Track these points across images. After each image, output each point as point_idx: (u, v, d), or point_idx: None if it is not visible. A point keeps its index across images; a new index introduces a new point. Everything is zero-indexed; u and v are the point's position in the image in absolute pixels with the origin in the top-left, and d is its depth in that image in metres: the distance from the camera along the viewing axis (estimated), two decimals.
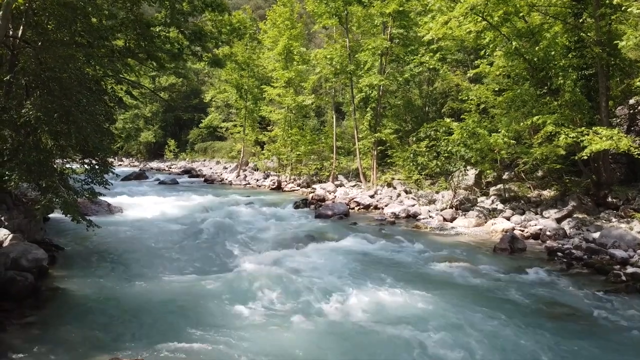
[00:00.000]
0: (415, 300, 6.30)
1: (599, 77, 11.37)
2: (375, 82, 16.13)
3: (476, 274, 7.66)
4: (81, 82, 7.65)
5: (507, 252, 8.87)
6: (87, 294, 6.26)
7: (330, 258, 8.34)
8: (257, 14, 34.60)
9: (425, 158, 13.58)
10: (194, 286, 6.69)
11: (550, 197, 12.36)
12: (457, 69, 18.21)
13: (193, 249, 8.63)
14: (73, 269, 7.30)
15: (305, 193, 18.64)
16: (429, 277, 7.48)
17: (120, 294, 6.32)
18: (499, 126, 12.94)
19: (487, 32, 11.65)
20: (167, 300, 6.15)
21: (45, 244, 8.25)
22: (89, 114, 7.47)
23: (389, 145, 17.63)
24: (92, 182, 8.21)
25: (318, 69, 18.93)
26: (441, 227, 11.27)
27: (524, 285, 7.15)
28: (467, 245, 9.75)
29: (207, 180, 24.52)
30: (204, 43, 10.98)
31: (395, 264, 8.13)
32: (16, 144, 6.78)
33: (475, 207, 12.44)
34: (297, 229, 11.00)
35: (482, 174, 14.61)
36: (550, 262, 8.44)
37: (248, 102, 25.19)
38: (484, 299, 6.52)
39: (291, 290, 6.49)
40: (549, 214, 10.77)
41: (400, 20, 16.17)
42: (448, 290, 6.77)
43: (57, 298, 6.05)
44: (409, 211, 12.97)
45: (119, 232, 10.21)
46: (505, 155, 12.11)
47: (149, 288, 6.62)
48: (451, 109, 19.10)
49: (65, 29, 8.12)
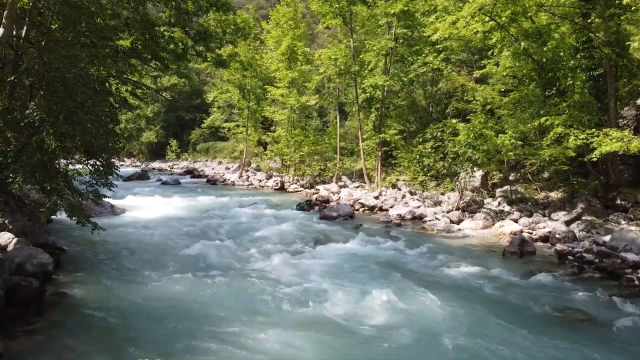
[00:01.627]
0: (426, 307, 6.18)
1: (608, 77, 11.26)
2: (380, 83, 16.00)
3: (487, 278, 7.53)
4: (86, 83, 7.55)
5: (516, 255, 8.74)
6: (91, 298, 6.15)
7: (337, 261, 8.22)
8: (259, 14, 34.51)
9: (431, 159, 13.45)
10: (199, 290, 6.58)
11: (558, 199, 12.24)
12: (461, 69, 18.08)
13: (197, 252, 8.50)
14: (77, 273, 7.19)
15: (309, 194, 18.53)
16: (439, 282, 7.36)
17: (125, 298, 6.21)
18: (505, 127, 12.84)
19: (494, 32, 11.52)
20: (173, 304, 6.04)
21: (50, 247, 8.15)
22: (94, 114, 7.37)
23: (394, 146, 17.51)
24: (97, 184, 8.11)
25: (322, 69, 18.79)
26: (448, 230, 11.15)
27: (536, 290, 7.03)
28: (475, 248, 9.63)
29: (209, 180, 24.41)
30: (209, 43, 10.86)
31: (404, 268, 8.01)
32: (20, 146, 6.67)
33: (481, 209, 12.32)
34: (302, 231, 10.88)
35: (487, 175, 14.50)
36: (561, 266, 8.32)
37: (251, 102, 25.09)
38: (496, 305, 6.40)
39: (299, 296, 6.38)
40: (557, 216, 10.64)
41: (405, 20, 16.04)
42: (459, 296, 6.65)
43: (62, 303, 5.93)
44: (415, 213, 12.85)
45: (123, 233, 10.10)
46: (514, 156, 11.98)
47: (154, 291, 6.51)
48: (455, 110, 18.99)
49: (70, 29, 8.01)
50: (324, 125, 28.09)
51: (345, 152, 22.30)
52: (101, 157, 8.04)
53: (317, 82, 20.65)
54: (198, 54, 11.29)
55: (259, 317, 5.68)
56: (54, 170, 7.15)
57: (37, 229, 7.65)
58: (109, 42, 9.57)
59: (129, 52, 9.62)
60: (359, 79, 17.35)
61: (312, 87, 21.27)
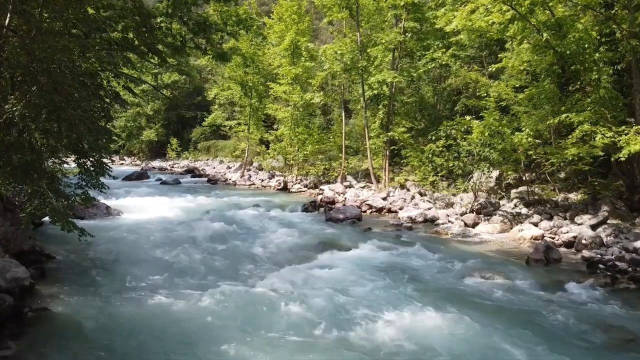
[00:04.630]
0: (446, 322, 5.53)
1: (633, 72, 10.53)
2: (389, 79, 15.29)
3: (512, 290, 6.87)
4: (74, 76, 6.90)
5: (542, 263, 8.07)
6: (77, 315, 5.51)
7: (346, 270, 7.56)
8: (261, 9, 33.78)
9: (443, 159, 12.75)
10: (195, 305, 5.93)
11: (578, 200, 11.54)
12: (471, 66, 17.35)
13: (195, 259, 7.86)
14: (64, 284, 6.55)
15: (313, 194, 17.86)
16: (459, 293, 6.70)
17: (115, 314, 5.56)
18: (522, 125, 12.15)
19: (511, 25, 10.82)
20: (166, 321, 5.40)
21: (36, 254, 7.53)
22: (83, 110, 6.72)
23: (402, 145, 16.81)
24: (87, 186, 7.47)
25: (327, 65, 18.07)
26: (463, 234, 10.47)
27: (569, 304, 6.37)
28: (495, 254, 8.96)
29: (210, 180, 23.76)
30: (209, 35, 10.18)
31: (420, 277, 7.35)
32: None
33: (497, 211, 11.64)
34: (307, 235, 10.23)
35: (501, 175, 13.80)
36: (591, 275, 7.63)
37: (253, 99, 24.41)
38: (526, 321, 5.74)
39: (306, 310, 5.73)
40: (581, 220, 9.95)
41: (414, 12, 15.33)
42: (483, 310, 6.00)
43: (43, 322, 5.29)
44: (427, 215, 12.17)
45: (117, 237, 9.47)
46: (534, 155, 11.28)
47: (147, 306, 5.87)
48: (464, 107, 18.28)
49: (57, 18, 7.35)
50: (328, 124, 27.39)
51: (349, 151, 21.62)
52: (91, 156, 7.39)
53: (321, 78, 19.94)
54: (197, 46, 10.61)
55: (261, 337, 5.04)
56: (37, 170, 6.51)
57: (21, 235, 7.01)
58: (102, 33, 8.93)
59: (123, 44, 8.94)
60: (365, 75, 16.63)
61: (316, 83, 20.56)
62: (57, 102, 6.27)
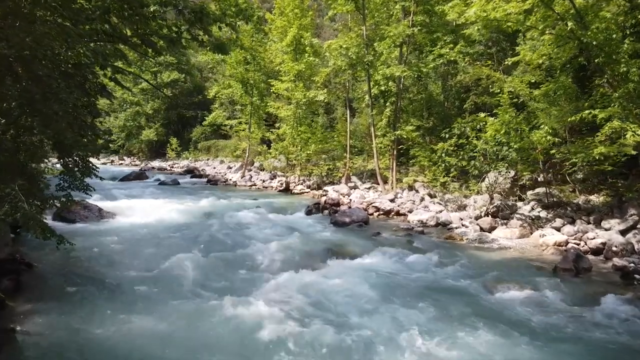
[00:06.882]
0: (472, 342, 4.83)
1: None
2: (398, 74, 14.54)
3: (543, 304, 6.14)
4: (55, 65, 6.20)
5: (571, 273, 7.33)
6: (53, 335, 4.81)
7: (355, 281, 6.83)
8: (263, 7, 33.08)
9: (457, 158, 11.99)
10: (188, 322, 5.23)
11: (601, 203, 10.77)
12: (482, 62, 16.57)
13: (187, 269, 7.12)
14: (41, 297, 5.84)
15: (317, 196, 17.14)
16: (482, 308, 5.97)
17: (93, 337, 4.85)
18: (540, 122, 11.41)
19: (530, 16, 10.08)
20: (153, 343, 4.70)
21: (13, 262, 6.83)
22: (62, 103, 6.01)
23: (410, 144, 16.06)
24: (69, 187, 6.77)
25: (332, 62, 17.31)
26: (480, 239, 9.72)
27: (609, 320, 5.64)
28: (517, 262, 8.21)
29: (210, 180, 23.06)
30: (206, 25, 9.47)
31: (438, 290, 6.60)
32: None
33: (514, 214, 10.89)
34: (312, 241, 9.51)
35: (516, 176, 13.05)
36: (627, 286, 6.89)
37: (254, 97, 23.70)
38: (563, 341, 5.05)
39: (313, 331, 5.01)
40: (609, 225, 9.19)
41: (423, 4, 14.59)
42: (514, 328, 5.28)
43: (12, 344, 4.59)
44: (439, 219, 11.42)
45: (107, 243, 8.76)
46: (557, 155, 10.52)
47: (135, 322, 5.16)
48: (474, 105, 17.53)
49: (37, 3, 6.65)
50: (331, 123, 26.65)
51: (354, 150, 20.88)
52: (74, 155, 6.68)
53: (325, 74, 19.20)
54: (194, 37, 9.88)
55: None
56: (13, 170, 5.80)
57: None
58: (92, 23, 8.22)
59: (112, 34, 8.24)
60: (371, 70, 15.88)
61: (319, 80, 19.82)
62: (33, 92, 5.58)
